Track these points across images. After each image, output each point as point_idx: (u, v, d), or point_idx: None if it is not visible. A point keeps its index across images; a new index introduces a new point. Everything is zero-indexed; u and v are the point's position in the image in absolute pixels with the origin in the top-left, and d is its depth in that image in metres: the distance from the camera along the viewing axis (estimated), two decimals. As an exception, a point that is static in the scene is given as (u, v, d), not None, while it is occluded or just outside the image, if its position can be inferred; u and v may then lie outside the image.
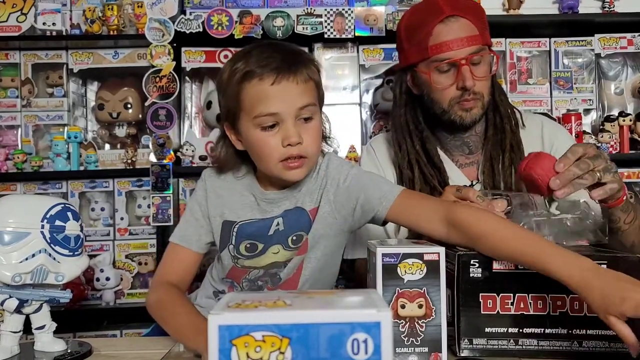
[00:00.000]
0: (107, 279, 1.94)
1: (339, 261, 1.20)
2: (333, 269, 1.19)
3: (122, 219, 2.03)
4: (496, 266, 0.88)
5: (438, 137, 1.36)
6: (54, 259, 0.91)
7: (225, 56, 1.99)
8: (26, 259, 0.89)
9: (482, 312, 0.88)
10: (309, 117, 1.02)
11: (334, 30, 1.92)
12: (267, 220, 1.09)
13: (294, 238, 1.08)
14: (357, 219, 1.09)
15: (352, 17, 1.92)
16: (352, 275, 1.45)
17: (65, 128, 2.02)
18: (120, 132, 2.09)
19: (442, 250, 0.83)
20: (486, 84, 1.29)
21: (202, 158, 1.99)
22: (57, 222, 0.92)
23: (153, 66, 1.93)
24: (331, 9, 1.92)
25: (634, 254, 0.91)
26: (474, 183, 1.35)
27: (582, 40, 2.04)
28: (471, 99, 1.27)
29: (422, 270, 0.82)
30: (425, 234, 1.04)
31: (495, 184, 1.30)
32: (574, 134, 1.92)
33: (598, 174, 1.00)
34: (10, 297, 0.91)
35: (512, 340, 0.88)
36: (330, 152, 1.16)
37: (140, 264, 2.01)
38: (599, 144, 1.96)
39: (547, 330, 0.87)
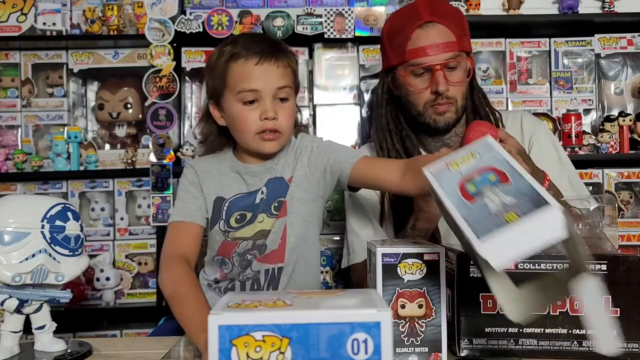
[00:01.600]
0: (107, 279, 1.94)
1: (318, 234, 1.28)
2: (315, 244, 1.27)
3: (122, 219, 2.03)
4: (496, 266, 0.88)
5: (419, 138, 1.39)
6: (54, 259, 0.91)
7: (225, 56, 1.99)
8: (26, 259, 0.89)
9: (482, 312, 0.88)
10: (285, 98, 1.16)
11: (334, 30, 1.92)
12: (253, 193, 1.20)
13: (276, 204, 1.18)
14: (327, 182, 1.20)
15: (352, 17, 1.92)
16: (351, 279, 1.46)
17: (65, 128, 2.03)
18: (120, 132, 2.10)
19: (442, 250, 0.83)
20: (460, 89, 1.33)
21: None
22: (57, 222, 0.92)
23: (153, 66, 1.93)
24: (331, 9, 1.92)
25: None
26: None
27: (582, 41, 2.05)
28: (444, 103, 1.31)
29: (422, 270, 0.82)
30: (382, 186, 1.19)
31: None
32: (574, 134, 1.92)
33: None
34: (11, 297, 0.90)
35: (512, 340, 0.88)
36: (303, 133, 1.29)
37: (140, 264, 2.01)
38: (599, 144, 1.96)
39: (547, 330, 0.87)
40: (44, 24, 1.97)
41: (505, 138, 1.13)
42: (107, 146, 2.12)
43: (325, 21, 1.91)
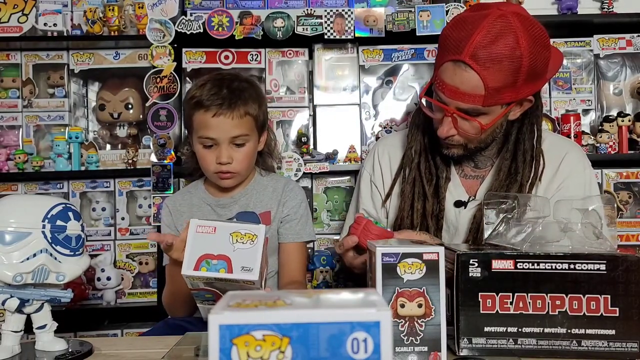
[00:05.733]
0: (108, 278, 1.95)
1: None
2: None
3: (123, 218, 2.03)
4: (495, 266, 0.89)
5: None
6: (55, 258, 0.92)
7: (226, 57, 2.00)
8: (27, 258, 0.90)
9: (481, 312, 0.88)
10: (242, 144, 1.34)
11: (334, 31, 1.92)
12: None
13: None
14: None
15: (352, 18, 1.92)
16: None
17: (67, 128, 2.03)
18: (121, 132, 2.10)
19: (441, 250, 0.83)
20: (471, 137, 1.22)
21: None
22: (58, 222, 0.92)
23: (154, 67, 1.93)
24: (331, 10, 1.93)
25: None
26: (470, 199, 1.34)
27: (581, 41, 2.05)
28: (447, 144, 1.26)
29: (421, 270, 0.83)
30: (280, 270, 1.41)
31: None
32: (572, 135, 1.92)
33: None
34: (12, 296, 0.91)
35: (511, 340, 0.88)
36: (289, 179, 1.52)
37: (140, 263, 2.02)
38: (598, 144, 1.97)
39: (546, 330, 0.88)
40: (45, 24, 1.97)
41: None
42: (108, 146, 2.12)
43: (325, 22, 1.92)
